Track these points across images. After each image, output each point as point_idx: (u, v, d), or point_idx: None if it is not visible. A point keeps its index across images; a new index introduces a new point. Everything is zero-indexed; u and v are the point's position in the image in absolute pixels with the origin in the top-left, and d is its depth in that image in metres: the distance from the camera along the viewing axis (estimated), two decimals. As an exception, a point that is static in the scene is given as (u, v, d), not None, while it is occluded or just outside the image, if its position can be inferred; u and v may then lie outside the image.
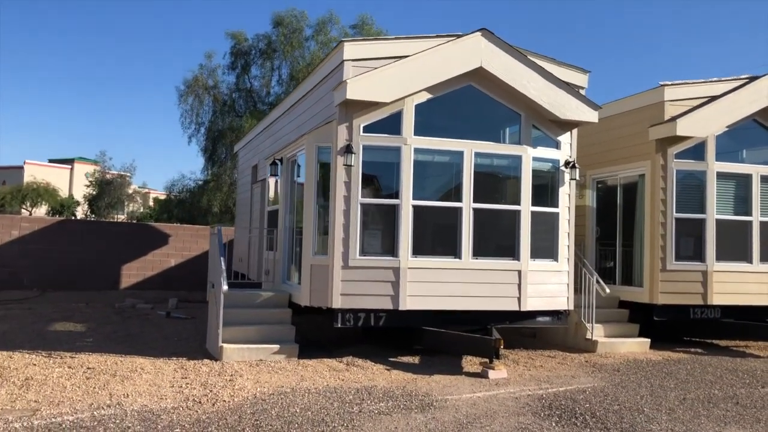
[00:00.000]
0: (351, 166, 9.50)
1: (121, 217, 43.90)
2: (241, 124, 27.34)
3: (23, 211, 45.86)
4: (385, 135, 9.72)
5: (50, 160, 66.11)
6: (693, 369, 9.80)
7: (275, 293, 10.63)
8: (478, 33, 9.84)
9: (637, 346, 11.26)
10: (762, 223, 11.91)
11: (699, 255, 11.63)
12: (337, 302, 9.43)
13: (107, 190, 42.49)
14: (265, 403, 7.02)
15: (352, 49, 9.54)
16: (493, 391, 8.02)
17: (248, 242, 15.44)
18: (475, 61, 9.81)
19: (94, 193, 43.28)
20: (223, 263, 9.59)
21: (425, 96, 9.84)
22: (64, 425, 5.99)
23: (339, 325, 9.52)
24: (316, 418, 6.54)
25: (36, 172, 54.54)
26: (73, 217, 42.90)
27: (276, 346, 9.40)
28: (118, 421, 6.18)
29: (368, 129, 9.65)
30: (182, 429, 6.04)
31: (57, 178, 57.67)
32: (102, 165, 44.47)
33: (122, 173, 44.08)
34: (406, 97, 9.67)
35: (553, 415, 7.01)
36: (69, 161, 65.09)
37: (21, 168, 58.09)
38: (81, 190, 48.24)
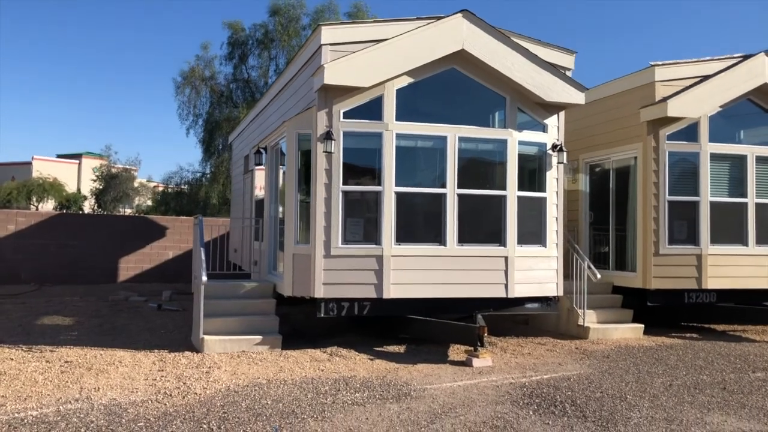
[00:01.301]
0: (331, 153, 9.33)
1: (128, 211, 43.97)
2: (238, 114, 27.22)
3: (31, 206, 46.07)
4: (366, 121, 9.54)
5: (58, 156, 66.36)
6: (684, 354, 9.61)
7: (259, 283, 10.50)
8: (459, 14, 9.62)
9: (630, 332, 11.06)
10: (758, 205, 11.66)
11: (693, 238, 11.39)
12: (320, 292, 9.29)
13: (113, 184, 42.53)
14: (237, 395, 6.90)
15: (329, 33, 9.35)
16: (474, 380, 7.86)
17: (241, 233, 15.33)
18: (456, 43, 9.59)
19: (101, 187, 43.38)
20: (203, 254, 9.48)
21: (407, 80, 9.63)
22: (26, 420, 5.89)
23: (322, 315, 9.38)
24: (287, 410, 6.41)
25: (44, 168, 54.69)
26: (80, 212, 43.01)
27: (258, 337, 9.29)
28: (82, 415, 6.07)
29: (348, 115, 9.47)
30: (146, 423, 5.92)
31: (65, 173, 57.85)
32: (108, 159, 44.55)
33: (127, 167, 44.14)
34: (386, 81, 9.47)
35: (532, 404, 6.85)
36: (77, 156, 65.28)
37: (29, 164, 58.33)
38: (89, 185, 48.38)
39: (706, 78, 11.42)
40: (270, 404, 6.59)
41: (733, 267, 11.39)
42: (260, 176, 12.79)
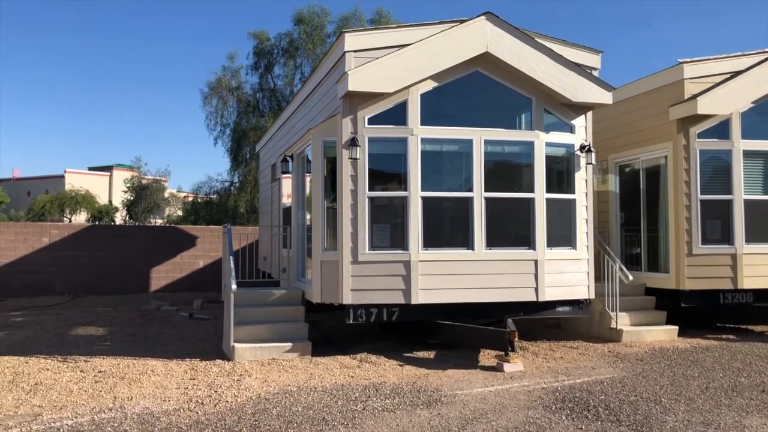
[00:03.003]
0: (357, 159, 9.34)
1: (159, 221, 44.55)
2: (264, 123, 27.44)
3: (64, 219, 46.92)
4: (391, 126, 9.53)
5: (90, 168, 67.52)
6: (721, 356, 9.40)
7: (288, 291, 10.54)
8: (483, 17, 9.57)
9: (664, 334, 10.86)
10: (794, 202, 11.38)
11: (727, 237, 11.16)
12: (348, 298, 9.29)
13: (143, 195, 43.11)
14: (268, 402, 6.92)
15: (353, 40, 9.36)
16: (506, 385, 7.78)
17: (270, 241, 15.42)
18: (480, 46, 9.54)
19: (132, 198, 44.02)
20: (231, 262, 9.54)
21: (431, 84, 9.61)
22: (62, 429, 5.98)
23: (351, 321, 9.37)
24: (317, 417, 6.41)
25: (76, 181, 55.67)
26: (112, 223, 43.70)
27: (288, 344, 9.31)
28: (116, 424, 6.14)
29: (373, 120, 9.48)
30: (179, 431, 5.96)
31: (97, 185, 58.80)
32: (138, 170, 45.22)
33: (158, 177, 44.74)
34: (410, 86, 9.46)
35: (564, 408, 6.76)
36: (108, 168, 66.35)
37: (62, 177, 59.44)
38: (120, 196, 49.15)
39: (737, 74, 11.20)
40: (301, 411, 6.60)
41: (769, 266, 11.13)
42: (287, 184, 12.86)
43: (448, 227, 9.87)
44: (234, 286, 9.21)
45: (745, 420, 6.34)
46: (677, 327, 10.98)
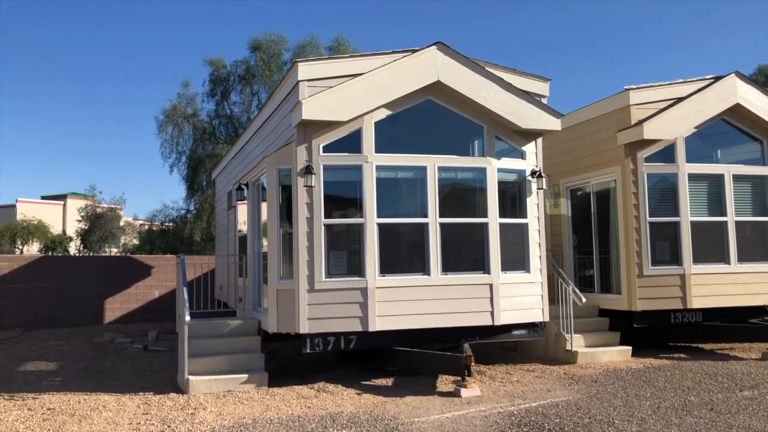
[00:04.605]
0: (312, 186, 9.36)
1: (115, 251, 43.65)
2: (221, 151, 27.25)
3: (16, 249, 45.66)
4: (346, 154, 9.59)
5: (42, 197, 66.01)
6: (672, 375, 9.60)
7: (244, 321, 10.44)
8: (434, 47, 9.75)
9: (618, 354, 11.05)
10: (737, 223, 11.78)
11: (676, 258, 11.46)
12: (305, 327, 9.24)
13: (98, 224, 42.23)
14: (223, 436, 6.82)
15: (306, 69, 9.44)
16: (463, 411, 7.81)
17: (226, 270, 15.25)
18: (431, 75, 9.71)
19: (86, 227, 43.09)
20: (185, 293, 9.41)
21: (384, 113, 9.72)
22: (6, 472, 5.79)
23: (308, 351, 9.31)
24: (272, 450, 6.33)
25: (28, 210, 54.36)
26: (65, 253, 42.68)
27: (244, 376, 9.19)
28: (64, 464, 5.97)
29: (328, 149, 9.53)
30: (129, 469, 5.83)
31: (50, 214, 57.51)
32: (93, 199, 44.33)
33: (113, 206, 43.91)
34: (364, 114, 9.56)
35: (520, 433, 6.81)
36: (61, 197, 64.97)
37: (13, 206, 57.98)
38: (74, 226, 48.09)
39: (680, 100, 11.60)
40: (255, 444, 6.51)
41: (716, 285, 11.46)
42: (243, 212, 12.78)
43: (404, 253, 9.93)
44: (188, 318, 9.08)
45: (694, 439, 6.47)
46: (631, 347, 11.19)
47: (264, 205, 10.70)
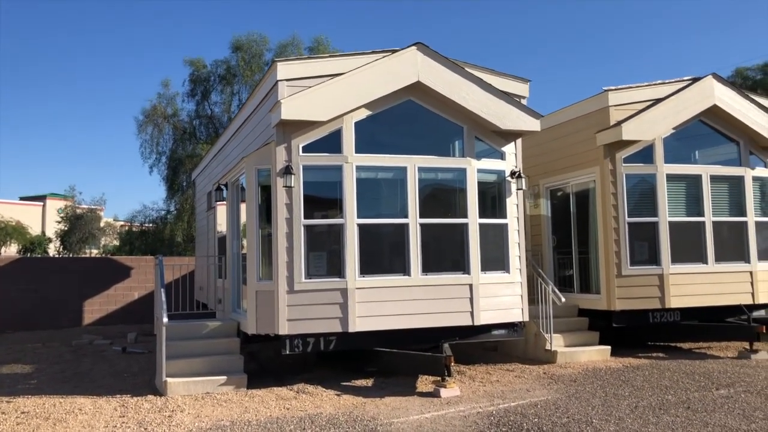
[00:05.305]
0: (291, 187, 9.32)
1: (95, 252, 43.18)
2: (201, 151, 27.09)
3: (-7, 251, 45.05)
4: (326, 154, 9.55)
5: (21, 198, 65.21)
6: (650, 375, 9.67)
7: (223, 322, 10.36)
8: (414, 47, 9.75)
9: (597, 354, 11.11)
10: (714, 223, 11.90)
11: (654, 258, 11.55)
12: (284, 328, 9.19)
13: (78, 225, 41.76)
14: (200, 438, 6.75)
15: (285, 69, 9.39)
16: (442, 411, 7.80)
17: (206, 271, 15.15)
18: (411, 75, 9.70)
19: (66, 228, 42.60)
20: (163, 295, 9.33)
21: (365, 113, 9.70)
22: (-23, 477, 5.69)
23: (287, 352, 9.26)
24: (250, 452, 6.28)
25: (6, 211, 53.59)
26: (45, 255, 42.15)
27: (223, 378, 9.12)
28: (37, 468, 5.88)
29: (308, 149, 9.49)
30: (104, 473, 5.76)
31: (29, 215, 56.77)
32: (73, 200, 43.83)
33: (93, 207, 43.44)
34: (344, 114, 9.53)
35: (498, 433, 6.81)
36: (41, 198, 64.22)
37: (-10, 207, 57.23)
38: (53, 227, 47.51)
39: (658, 101, 11.69)
40: (233, 447, 6.46)
41: (694, 285, 11.56)
42: (223, 213, 12.69)
43: (385, 253, 9.91)
44: (165, 319, 9.00)
45: (670, 437, 6.52)
46: (610, 347, 11.26)
47: (243, 206, 10.63)
